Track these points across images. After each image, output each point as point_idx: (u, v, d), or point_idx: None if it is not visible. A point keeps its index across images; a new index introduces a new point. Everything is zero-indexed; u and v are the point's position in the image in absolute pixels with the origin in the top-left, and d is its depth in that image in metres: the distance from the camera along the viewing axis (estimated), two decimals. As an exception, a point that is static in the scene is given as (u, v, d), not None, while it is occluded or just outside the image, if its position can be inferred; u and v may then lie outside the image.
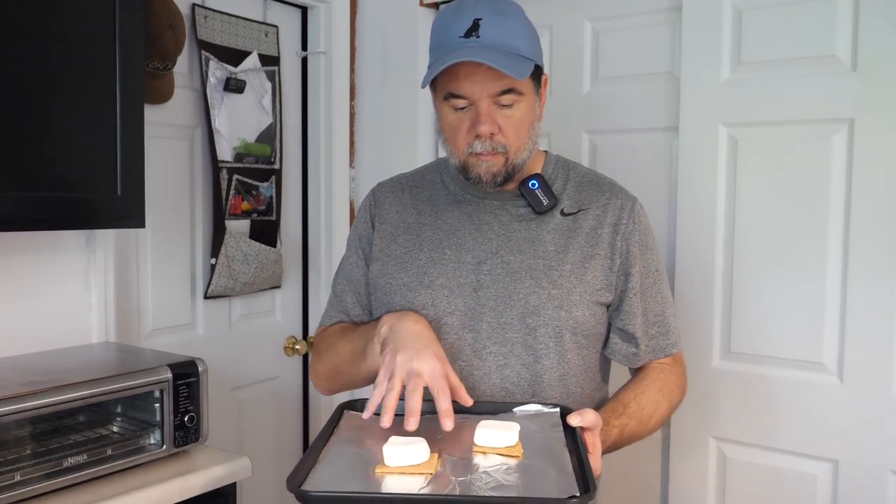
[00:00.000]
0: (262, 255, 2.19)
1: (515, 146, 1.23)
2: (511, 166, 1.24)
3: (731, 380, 1.85)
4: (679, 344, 1.37)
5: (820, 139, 1.72)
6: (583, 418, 1.10)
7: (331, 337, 1.37)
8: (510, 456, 1.00)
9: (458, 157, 1.25)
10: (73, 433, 1.42)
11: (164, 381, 1.45)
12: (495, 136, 1.20)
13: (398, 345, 1.11)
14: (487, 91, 1.18)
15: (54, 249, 1.70)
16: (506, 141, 1.21)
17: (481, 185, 1.25)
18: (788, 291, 1.77)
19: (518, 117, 1.21)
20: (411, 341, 1.11)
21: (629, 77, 2.02)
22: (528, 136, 1.25)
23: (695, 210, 1.88)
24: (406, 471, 0.95)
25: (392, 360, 1.09)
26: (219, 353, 2.17)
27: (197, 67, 2.08)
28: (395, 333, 1.14)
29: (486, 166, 1.23)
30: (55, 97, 1.41)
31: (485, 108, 1.19)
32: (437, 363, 1.08)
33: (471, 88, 1.18)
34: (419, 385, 1.05)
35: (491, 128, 1.19)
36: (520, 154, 1.24)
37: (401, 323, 1.16)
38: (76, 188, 1.45)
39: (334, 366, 1.34)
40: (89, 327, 1.76)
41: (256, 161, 2.22)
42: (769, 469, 1.82)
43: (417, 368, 1.06)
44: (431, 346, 1.11)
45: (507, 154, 1.22)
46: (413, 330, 1.14)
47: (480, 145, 1.20)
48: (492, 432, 1.01)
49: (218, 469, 1.48)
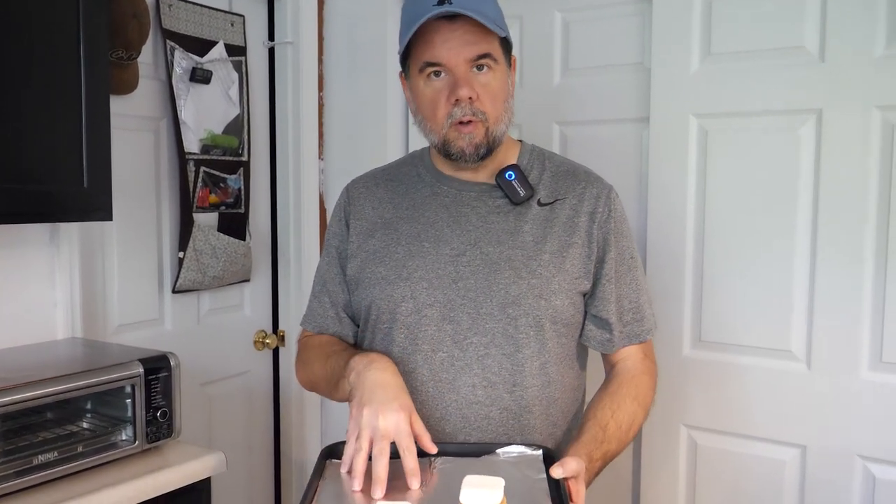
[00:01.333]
0: (230, 249, 2.16)
1: (494, 115, 1.23)
2: (492, 138, 1.24)
3: (701, 368, 1.88)
4: (654, 330, 1.37)
5: (789, 129, 1.74)
6: (565, 469, 1.08)
7: (310, 352, 1.37)
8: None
9: (437, 132, 1.25)
10: (43, 430, 1.39)
11: (135, 376, 1.42)
12: (474, 101, 1.21)
13: (363, 398, 1.10)
14: (464, 56, 1.20)
15: (16, 244, 1.65)
16: (484, 108, 1.22)
17: (464, 158, 1.25)
18: (758, 280, 1.80)
19: (494, 86, 1.23)
20: (377, 394, 1.10)
21: (599, 68, 2.02)
22: (505, 110, 1.26)
23: (665, 200, 1.89)
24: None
25: (359, 415, 1.08)
26: (188, 349, 2.13)
27: (162, 57, 2.03)
28: (362, 385, 1.12)
29: (468, 139, 1.23)
30: (19, 88, 1.37)
31: (462, 72, 1.20)
32: (401, 416, 1.07)
33: (447, 54, 1.20)
34: (385, 448, 1.05)
35: (470, 91, 1.20)
36: (498, 126, 1.25)
37: (367, 372, 1.14)
38: (42, 181, 1.41)
39: (312, 381, 1.36)
40: (54, 323, 1.71)
41: (224, 153, 2.18)
42: (739, 456, 1.85)
43: (383, 426, 1.06)
44: (398, 398, 1.10)
45: (487, 123, 1.23)
46: (378, 380, 1.12)
47: (460, 111, 1.21)
48: (476, 491, 0.99)
49: (192, 464, 1.46)
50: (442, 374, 1.24)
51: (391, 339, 1.27)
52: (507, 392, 1.25)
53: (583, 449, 1.17)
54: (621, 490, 2.04)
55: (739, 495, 1.85)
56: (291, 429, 2.42)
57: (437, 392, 1.24)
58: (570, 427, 1.34)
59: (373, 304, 1.29)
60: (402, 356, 1.25)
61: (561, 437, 1.31)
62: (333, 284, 1.37)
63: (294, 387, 2.39)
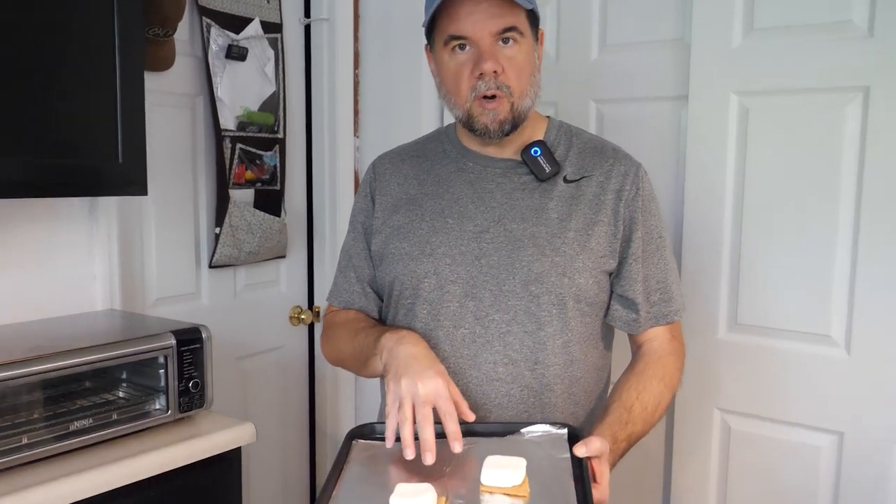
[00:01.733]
0: (266, 225, 2.18)
1: (519, 90, 1.22)
2: (517, 112, 1.23)
3: (737, 351, 1.84)
4: (682, 311, 1.35)
5: (834, 108, 1.68)
6: (588, 448, 1.08)
7: (336, 329, 1.38)
8: (517, 496, 0.99)
9: (462, 106, 1.24)
10: (80, 398, 1.43)
11: (167, 347, 1.46)
12: (499, 75, 1.19)
13: (399, 370, 1.12)
14: (489, 29, 1.18)
15: (57, 218, 1.69)
16: (509, 82, 1.20)
17: (488, 135, 1.24)
18: (797, 263, 1.75)
19: (520, 59, 1.21)
20: (412, 365, 1.12)
21: (638, 44, 1.98)
22: (531, 84, 1.24)
23: (703, 180, 1.85)
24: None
25: (397, 386, 1.10)
26: (224, 323, 2.17)
27: (198, 34, 2.05)
28: (396, 359, 1.14)
29: (492, 115, 1.22)
30: (56, 65, 1.40)
31: (487, 45, 1.19)
32: (440, 382, 1.09)
33: (472, 27, 1.18)
34: (429, 415, 1.07)
35: (494, 65, 1.19)
36: (523, 100, 1.23)
37: (399, 347, 1.16)
38: (79, 156, 1.44)
39: (339, 358, 1.38)
40: (93, 296, 1.76)
41: (260, 130, 2.20)
42: (773, 441, 1.81)
43: (423, 392, 1.08)
44: (433, 366, 1.13)
45: (512, 98, 1.21)
46: (411, 353, 1.14)
47: (484, 85, 1.20)
48: (498, 472, 1.01)
49: (223, 434, 1.50)
50: (463, 351, 1.25)
51: (414, 314, 1.28)
52: (529, 370, 1.24)
53: (607, 430, 1.17)
54: (653, 472, 2.02)
55: (773, 481, 1.82)
56: (326, 403, 2.45)
57: (458, 368, 1.24)
58: (593, 407, 1.33)
59: (396, 280, 1.30)
60: (424, 332, 1.26)
61: (584, 416, 1.31)
62: (359, 259, 1.38)
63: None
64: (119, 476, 1.33)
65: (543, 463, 1.06)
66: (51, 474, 1.28)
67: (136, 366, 1.48)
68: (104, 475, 1.31)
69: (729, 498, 1.88)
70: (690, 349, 1.87)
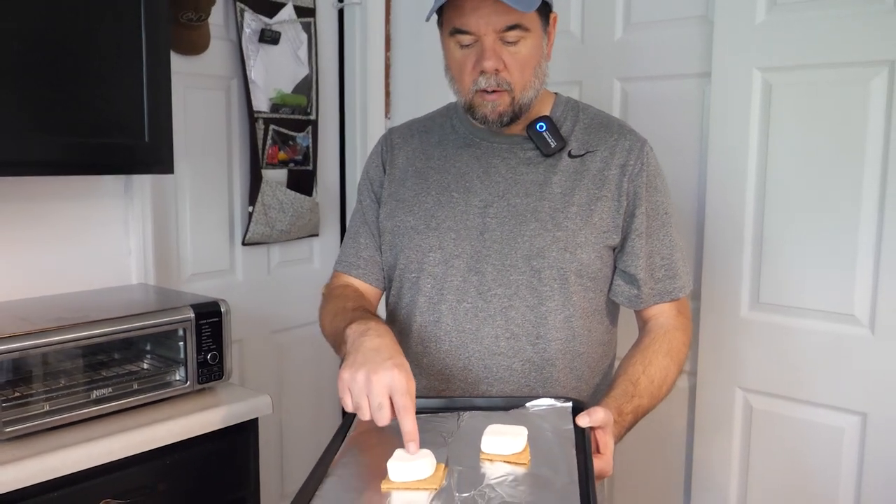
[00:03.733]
0: (297, 204, 2.25)
1: (521, 84, 1.22)
2: (518, 106, 1.23)
3: (759, 330, 1.83)
4: (688, 288, 1.33)
5: (858, 82, 1.65)
6: (592, 418, 1.06)
7: (327, 304, 1.36)
8: (517, 464, 0.97)
9: (464, 95, 1.25)
10: (104, 368, 1.51)
11: (186, 320, 1.52)
12: (500, 72, 1.19)
13: (357, 362, 1.03)
14: (493, 26, 1.17)
15: (94, 195, 1.78)
16: (511, 78, 1.20)
17: (488, 124, 1.25)
18: (820, 241, 1.73)
19: (524, 54, 1.20)
20: (371, 357, 1.03)
21: (662, 22, 1.97)
22: (535, 75, 1.23)
23: (726, 157, 1.83)
24: (411, 486, 0.92)
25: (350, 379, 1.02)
26: (258, 298, 2.26)
27: (232, 19, 2.12)
28: (356, 351, 1.06)
29: (491, 106, 1.22)
30: (87, 51, 1.47)
31: (489, 43, 1.18)
32: (397, 374, 1.00)
33: (476, 23, 1.18)
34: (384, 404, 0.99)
35: (496, 64, 1.18)
36: (525, 93, 1.23)
37: (362, 339, 1.08)
38: (108, 135, 1.51)
39: (324, 334, 1.34)
40: (129, 270, 1.85)
41: (293, 111, 2.26)
42: (796, 421, 1.80)
43: (377, 386, 0.99)
44: (392, 358, 1.03)
45: (513, 93, 1.22)
46: (374, 345, 1.06)
47: (485, 81, 1.20)
48: (499, 439, 0.98)
49: (239, 405, 1.55)
50: (465, 325, 1.26)
51: (418, 288, 1.30)
52: (530, 344, 1.25)
53: (612, 403, 1.17)
54: (675, 451, 2.02)
55: (796, 461, 1.80)
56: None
57: (460, 342, 1.27)
58: (598, 382, 1.33)
59: (401, 253, 1.32)
60: (427, 305, 1.28)
61: (588, 391, 1.31)
62: (364, 228, 1.40)
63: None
64: (136, 443, 1.39)
65: (547, 434, 1.05)
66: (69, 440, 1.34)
67: (158, 338, 1.55)
68: (118, 442, 1.37)
69: (751, 477, 1.88)
70: (712, 327, 1.89)
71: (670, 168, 1.37)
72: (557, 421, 1.08)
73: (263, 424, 1.62)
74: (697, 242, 1.93)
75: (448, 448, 1.02)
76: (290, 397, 2.41)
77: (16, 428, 1.30)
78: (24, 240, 1.68)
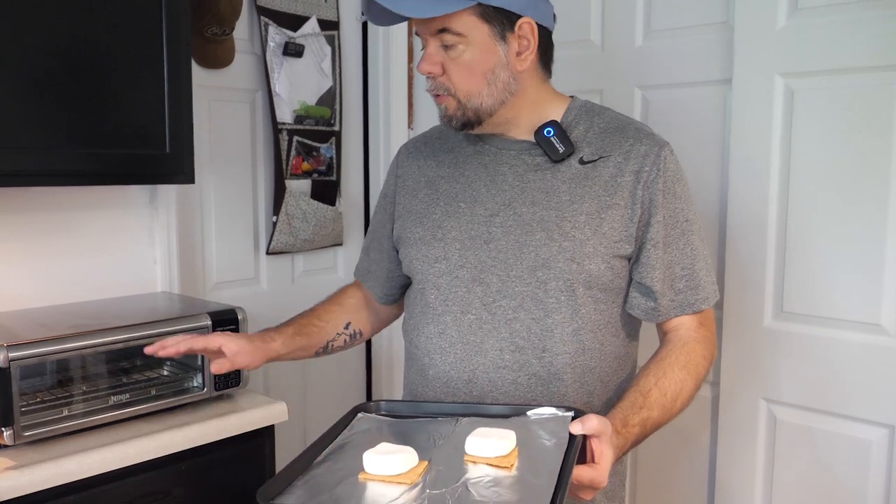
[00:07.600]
0: (320, 214, 2.27)
1: (464, 90, 1.19)
2: (471, 111, 1.21)
3: (783, 340, 1.79)
4: (712, 300, 1.28)
5: (883, 86, 1.61)
6: (584, 426, 1.03)
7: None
8: (500, 467, 0.96)
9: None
10: (125, 375, 1.54)
11: (202, 328, 1.54)
12: (437, 77, 1.19)
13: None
14: (427, 30, 1.17)
15: (120, 205, 1.83)
16: (449, 83, 1.19)
17: (449, 127, 1.26)
18: (845, 249, 1.69)
19: (465, 60, 1.17)
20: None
21: (682, 29, 1.95)
22: (487, 82, 1.19)
23: (748, 163, 1.81)
24: (387, 479, 0.94)
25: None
26: (282, 306, 2.25)
27: (257, 32, 2.16)
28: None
29: (441, 109, 1.23)
30: (109, 64, 1.52)
31: (430, 47, 1.19)
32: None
33: (418, 27, 1.19)
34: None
35: (430, 67, 1.19)
36: (473, 99, 1.20)
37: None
38: (130, 146, 1.56)
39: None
40: (154, 278, 1.89)
41: (316, 123, 2.29)
42: (821, 433, 1.75)
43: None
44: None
45: (458, 97, 1.20)
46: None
47: (427, 84, 1.22)
48: (483, 441, 0.98)
49: (255, 412, 1.57)
50: (470, 337, 1.24)
51: (425, 298, 1.30)
52: (536, 358, 1.22)
53: (618, 413, 1.13)
54: (698, 462, 1.99)
55: (822, 474, 1.76)
56: (382, 383, 2.54)
57: (465, 354, 1.25)
58: (611, 398, 1.27)
59: (412, 264, 1.32)
60: (433, 316, 1.28)
61: (600, 407, 1.26)
62: (375, 243, 1.43)
63: (384, 344, 2.50)
64: (152, 448, 1.42)
65: (542, 441, 1.04)
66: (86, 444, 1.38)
67: (177, 345, 1.58)
68: (134, 447, 1.40)
69: (775, 489, 1.84)
70: (735, 337, 1.86)
71: (692, 175, 1.33)
72: (556, 429, 1.06)
73: (287, 432, 1.64)
74: (720, 251, 1.90)
75: (436, 449, 1.03)
76: (315, 405, 2.42)
77: (34, 432, 1.34)
78: (51, 248, 1.73)
